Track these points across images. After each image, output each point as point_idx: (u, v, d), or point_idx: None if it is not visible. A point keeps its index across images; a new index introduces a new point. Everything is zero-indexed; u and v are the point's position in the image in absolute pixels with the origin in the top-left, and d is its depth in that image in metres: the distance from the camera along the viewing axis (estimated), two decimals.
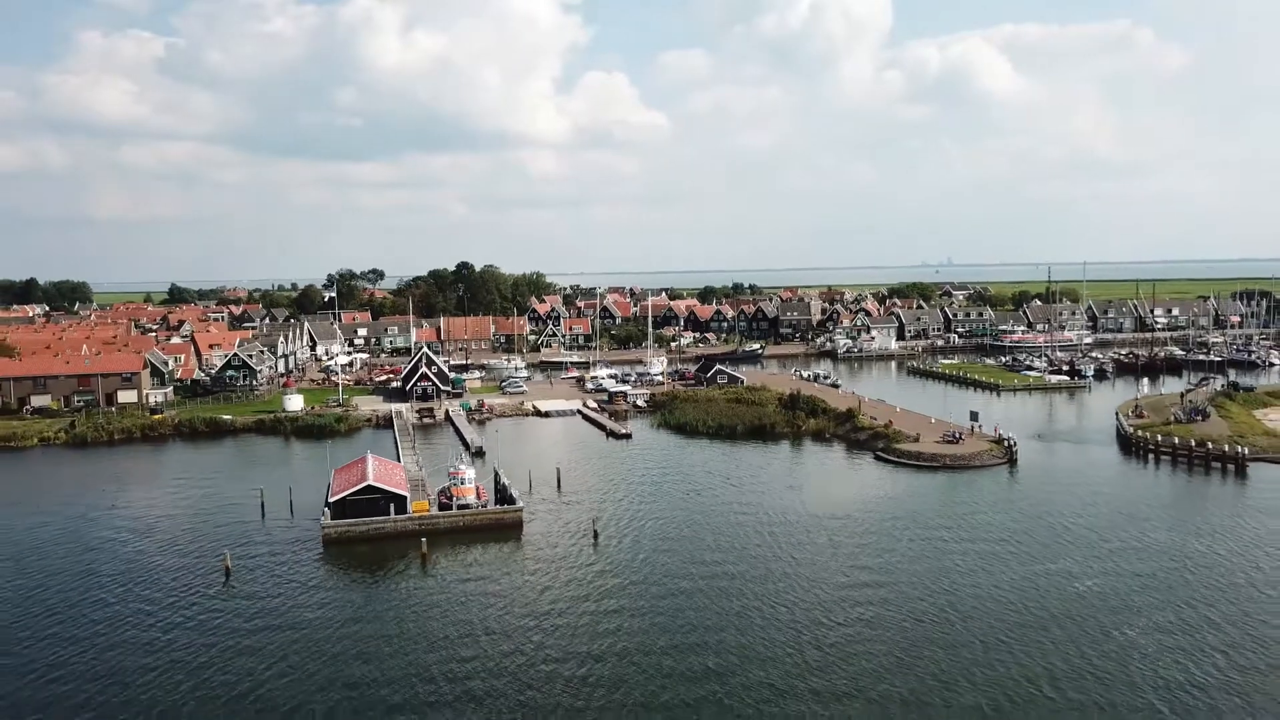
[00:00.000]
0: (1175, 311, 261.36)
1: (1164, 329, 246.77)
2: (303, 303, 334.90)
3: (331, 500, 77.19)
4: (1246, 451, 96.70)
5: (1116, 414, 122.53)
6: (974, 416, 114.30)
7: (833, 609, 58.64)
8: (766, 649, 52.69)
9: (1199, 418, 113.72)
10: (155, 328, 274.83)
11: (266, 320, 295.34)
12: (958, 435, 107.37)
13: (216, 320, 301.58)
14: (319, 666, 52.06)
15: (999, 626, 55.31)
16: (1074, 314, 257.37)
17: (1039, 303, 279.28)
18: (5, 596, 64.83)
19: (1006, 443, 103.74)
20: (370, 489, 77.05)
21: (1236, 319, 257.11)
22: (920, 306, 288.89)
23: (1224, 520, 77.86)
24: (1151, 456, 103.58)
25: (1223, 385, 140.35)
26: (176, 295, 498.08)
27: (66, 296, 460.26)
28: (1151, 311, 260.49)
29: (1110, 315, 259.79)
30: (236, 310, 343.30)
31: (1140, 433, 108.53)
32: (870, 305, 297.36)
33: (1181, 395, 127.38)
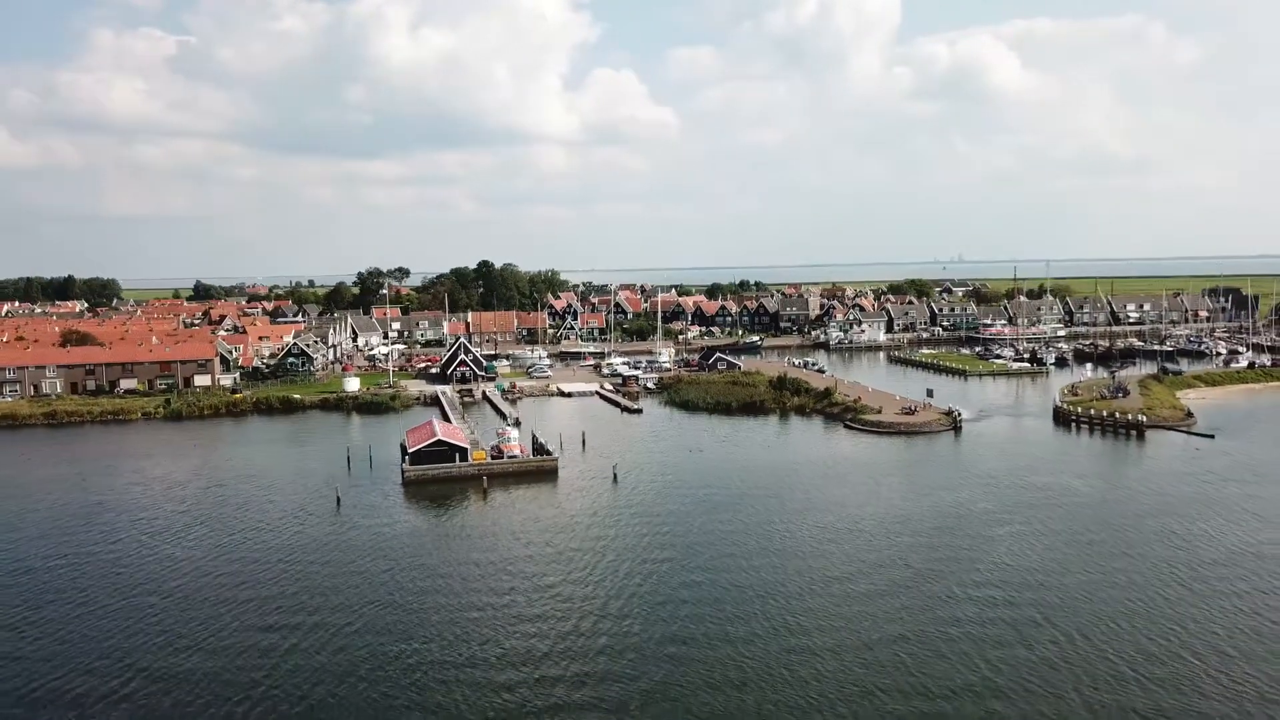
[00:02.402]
0: (1146, 306, 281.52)
1: (1135, 323, 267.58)
2: (334, 299, 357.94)
3: (410, 451, 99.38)
4: (1145, 420, 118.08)
5: (1058, 393, 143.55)
6: (929, 394, 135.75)
7: (786, 517, 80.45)
8: (733, 540, 74.40)
9: (1120, 394, 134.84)
10: (197, 322, 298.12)
11: (300, 316, 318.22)
12: (913, 408, 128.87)
13: (253, 315, 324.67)
14: (416, 562, 74.05)
15: (906, 529, 76.96)
16: (1052, 309, 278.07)
17: (1023, 298, 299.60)
18: (179, 519, 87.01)
19: (954, 414, 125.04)
20: (440, 442, 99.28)
21: (1205, 313, 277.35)
22: (911, 302, 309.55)
23: (1105, 469, 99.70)
24: (1075, 426, 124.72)
25: (1157, 369, 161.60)
26: (203, 292, 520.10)
27: (97, 293, 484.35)
28: (1124, 307, 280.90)
29: (1085, 310, 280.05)
30: (269, 306, 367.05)
31: (1069, 407, 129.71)
32: (866, 301, 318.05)
33: (1112, 375, 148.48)
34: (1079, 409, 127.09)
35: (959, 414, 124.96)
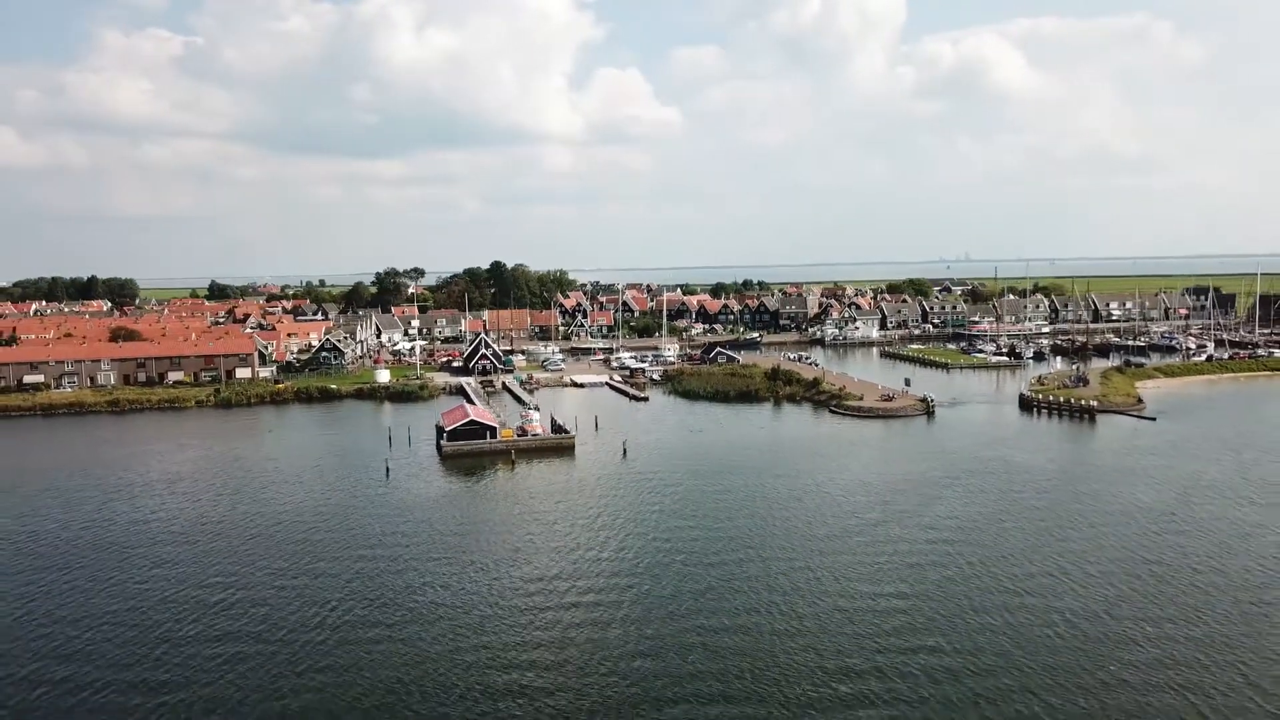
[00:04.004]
0: (1129, 304, 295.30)
1: (1118, 320, 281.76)
2: (353, 298, 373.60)
3: (446, 430, 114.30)
4: (1097, 405, 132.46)
5: (1025, 382, 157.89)
6: (907, 383, 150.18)
7: (767, 481, 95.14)
8: (721, 498, 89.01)
9: (1080, 384, 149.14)
10: (222, 320, 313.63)
11: (319, 314, 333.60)
12: (891, 395, 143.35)
13: (276, 314, 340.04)
14: (459, 513, 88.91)
15: (866, 489, 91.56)
16: (1038, 307, 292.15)
17: (1010, 296, 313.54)
18: (248, 484, 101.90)
19: (928, 401, 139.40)
20: (473, 422, 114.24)
21: (1184, 311, 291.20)
22: (904, 301, 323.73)
23: (1053, 445, 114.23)
24: (1036, 411, 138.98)
25: (1121, 362, 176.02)
26: (219, 292, 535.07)
27: (117, 292, 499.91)
28: (1108, 305, 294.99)
29: (1070, 309, 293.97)
30: (288, 305, 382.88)
31: (1033, 394, 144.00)
32: (864, 300, 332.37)
33: (1075, 368, 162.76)
34: (1041, 396, 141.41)
35: (932, 400, 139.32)
